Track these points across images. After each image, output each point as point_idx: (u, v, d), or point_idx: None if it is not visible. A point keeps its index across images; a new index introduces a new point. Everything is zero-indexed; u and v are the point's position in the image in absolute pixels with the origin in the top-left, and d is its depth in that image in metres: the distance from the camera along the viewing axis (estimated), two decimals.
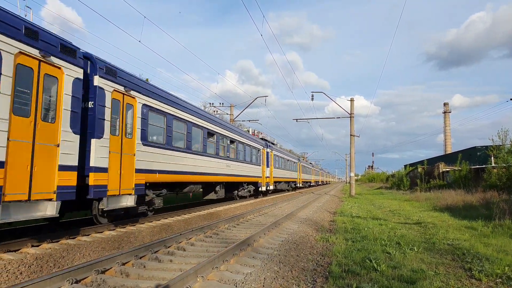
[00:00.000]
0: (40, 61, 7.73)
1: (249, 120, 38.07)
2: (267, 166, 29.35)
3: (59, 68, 8.21)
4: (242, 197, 24.59)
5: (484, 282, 5.84)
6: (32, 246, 7.73)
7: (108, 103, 9.82)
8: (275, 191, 35.90)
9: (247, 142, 23.83)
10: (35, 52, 7.58)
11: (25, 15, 9.37)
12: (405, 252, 7.85)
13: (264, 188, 28.04)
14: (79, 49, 8.94)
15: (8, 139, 6.86)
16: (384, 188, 56.53)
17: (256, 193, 27.40)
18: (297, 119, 37.64)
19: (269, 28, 20.15)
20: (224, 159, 19.01)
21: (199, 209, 16.79)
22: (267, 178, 29.12)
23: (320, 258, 7.39)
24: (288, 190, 42.95)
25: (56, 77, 8.16)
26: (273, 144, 33.65)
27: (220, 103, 38.31)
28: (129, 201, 10.65)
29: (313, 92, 34.21)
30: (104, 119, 9.66)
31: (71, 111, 8.44)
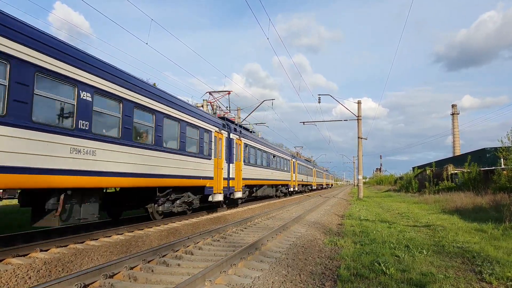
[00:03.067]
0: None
1: (256, 124, 38.08)
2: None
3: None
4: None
5: (495, 285, 5.77)
6: (41, 250, 7.79)
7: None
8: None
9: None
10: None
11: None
12: (414, 255, 7.78)
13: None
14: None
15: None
16: (392, 191, 56.15)
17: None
18: (304, 122, 37.56)
19: (276, 32, 20.26)
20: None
21: (212, 212, 16.87)
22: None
23: (329, 262, 7.34)
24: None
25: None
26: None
27: (226, 107, 38.30)
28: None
29: (320, 94, 34.15)
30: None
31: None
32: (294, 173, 37.69)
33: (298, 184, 41.13)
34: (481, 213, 15.49)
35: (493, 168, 27.27)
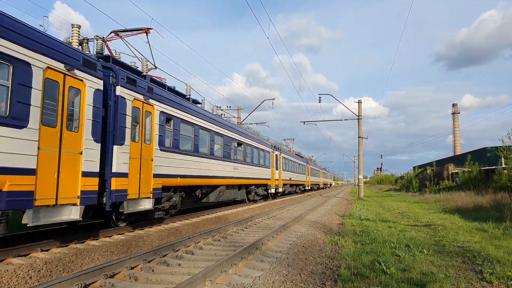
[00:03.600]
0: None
1: (257, 123, 38.03)
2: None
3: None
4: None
5: (495, 284, 5.77)
6: (42, 250, 7.79)
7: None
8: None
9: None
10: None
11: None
12: (415, 254, 7.78)
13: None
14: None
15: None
16: (393, 190, 56.19)
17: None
18: (304, 122, 37.53)
19: (277, 31, 20.17)
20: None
21: (208, 212, 16.83)
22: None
23: (329, 261, 7.35)
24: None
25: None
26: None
27: (227, 106, 38.29)
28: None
29: (320, 94, 34.08)
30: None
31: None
32: (277, 169, 29.41)
33: (284, 184, 33.21)
34: (481, 213, 15.49)
35: (494, 167, 27.26)
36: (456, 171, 35.11)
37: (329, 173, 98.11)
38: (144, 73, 12.59)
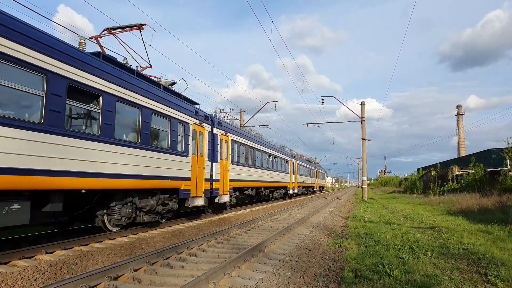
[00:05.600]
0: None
1: (259, 125, 38.06)
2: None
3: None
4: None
5: (500, 287, 5.73)
6: (46, 253, 7.83)
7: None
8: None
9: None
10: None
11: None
12: (419, 257, 7.75)
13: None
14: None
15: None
16: (397, 192, 55.91)
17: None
18: (307, 124, 37.48)
19: (279, 34, 20.21)
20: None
21: (210, 214, 16.87)
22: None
23: (332, 264, 7.33)
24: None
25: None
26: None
27: (230, 109, 38.37)
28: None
29: (323, 96, 34.10)
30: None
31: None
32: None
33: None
34: (486, 215, 15.40)
35: (499, 169, 27.11)
36: (461, 172, 34.93)
37: (316, 169, 58.17)
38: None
